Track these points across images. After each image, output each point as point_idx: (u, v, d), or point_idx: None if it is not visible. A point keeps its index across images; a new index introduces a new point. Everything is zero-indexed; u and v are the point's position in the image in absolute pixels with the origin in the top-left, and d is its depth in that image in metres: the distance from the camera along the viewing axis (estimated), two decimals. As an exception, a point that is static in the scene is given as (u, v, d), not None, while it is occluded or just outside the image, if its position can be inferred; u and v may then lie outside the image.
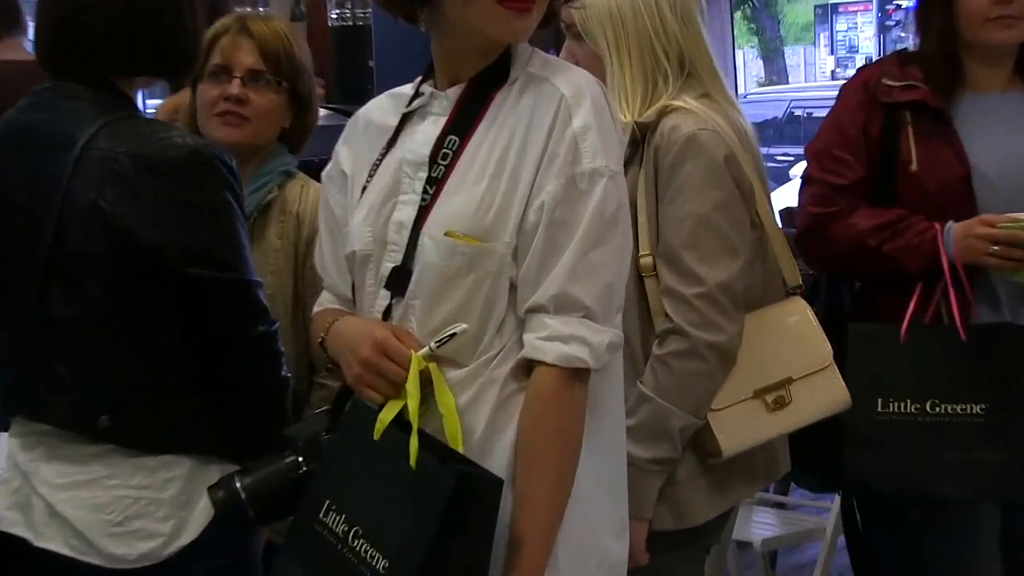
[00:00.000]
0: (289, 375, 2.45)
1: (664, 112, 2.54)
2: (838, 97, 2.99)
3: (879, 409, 2.83)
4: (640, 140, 2.54)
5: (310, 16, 5.48)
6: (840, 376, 2.63)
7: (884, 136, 2.89)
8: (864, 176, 2.90)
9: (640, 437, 2.45)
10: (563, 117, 1.98)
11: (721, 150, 2.50)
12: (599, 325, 1.97)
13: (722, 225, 2.48)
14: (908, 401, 2.83)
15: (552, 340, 1.95)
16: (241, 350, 2.34)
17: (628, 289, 2.45)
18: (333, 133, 2.27)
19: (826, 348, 2.61)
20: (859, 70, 3.04)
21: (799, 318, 2.62)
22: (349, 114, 2.26)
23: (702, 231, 2.47)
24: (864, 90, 2.94)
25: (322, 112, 3.03)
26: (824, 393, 2.60)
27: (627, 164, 2.51)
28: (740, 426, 2.52)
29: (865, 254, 2.86)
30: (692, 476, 2.53)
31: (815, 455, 2.85)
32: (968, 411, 2.81)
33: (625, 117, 2.55)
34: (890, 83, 2.90)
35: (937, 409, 2.82)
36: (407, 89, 2.17)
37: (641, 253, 2.50)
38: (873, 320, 2.88)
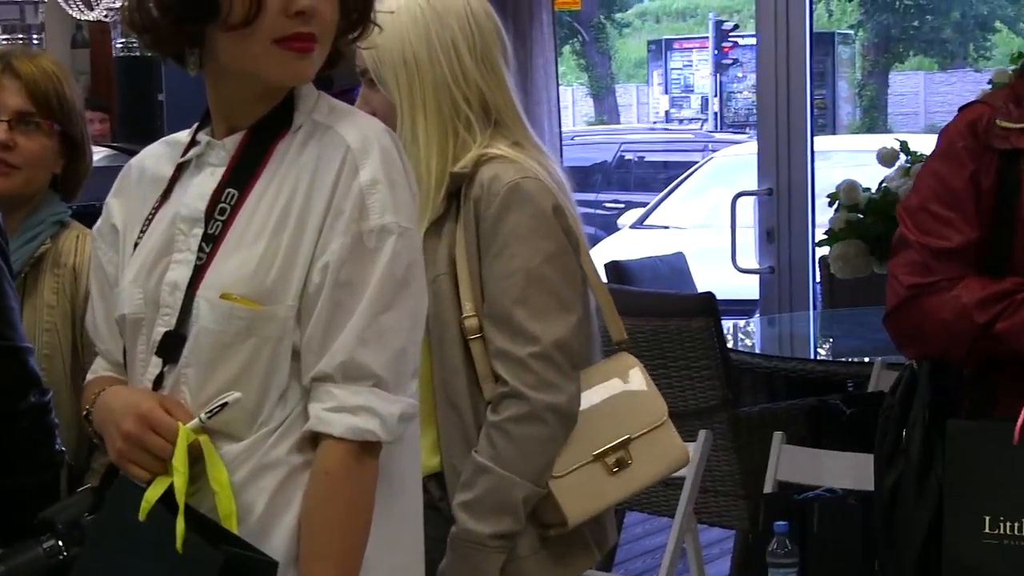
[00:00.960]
0: (63, 449, 2.31)
1: (481, 161, 2.43)
2: (938, 142, 2.52)
3: (987, 530, 2.34)
4: (456, 192, 2.43)
5: (93, 44, 5.23)
6: (676, 432, 2.53)
7: (1000, 189, 2.43)
8: (973, 239, 2.43)
9: (480, 512, 2.35)
10: (349, 170, 1.87)
11: (548, 200, 2.40)
12: (391, 394, 1.87)
13: (553, 279, 2.39)
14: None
15: (339, 411, 1.85)
16: (8, 426, 2.19)
17: (453, 354, 2.40)
18: (114, 175, 2.13)
19: (661, 403, 2.54)
20: (962, 109, 2.54)
21: (629, 374, 2.55)
22: (133, 154, 2.12)
23: (533, 286, 2.38)
24: (972, 134, 2.46)
25: (103, 152, 2.87)
26: (664, 451, 2.53)
27: (443, 219, 2.43)
28: (583, 492, 2.43)
29: (973, 334, 2.38)
30: (534, 550, 2.43)
31: None
32: None
33: (423, 170, 2.43)
34: (1007, 125, 2.44)
35: None
36: (184, 136, 2.03)
37: (465, 314, 2.40)
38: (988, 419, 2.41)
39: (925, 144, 7.75)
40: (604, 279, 2.55)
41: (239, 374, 1.87)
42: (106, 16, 5.57)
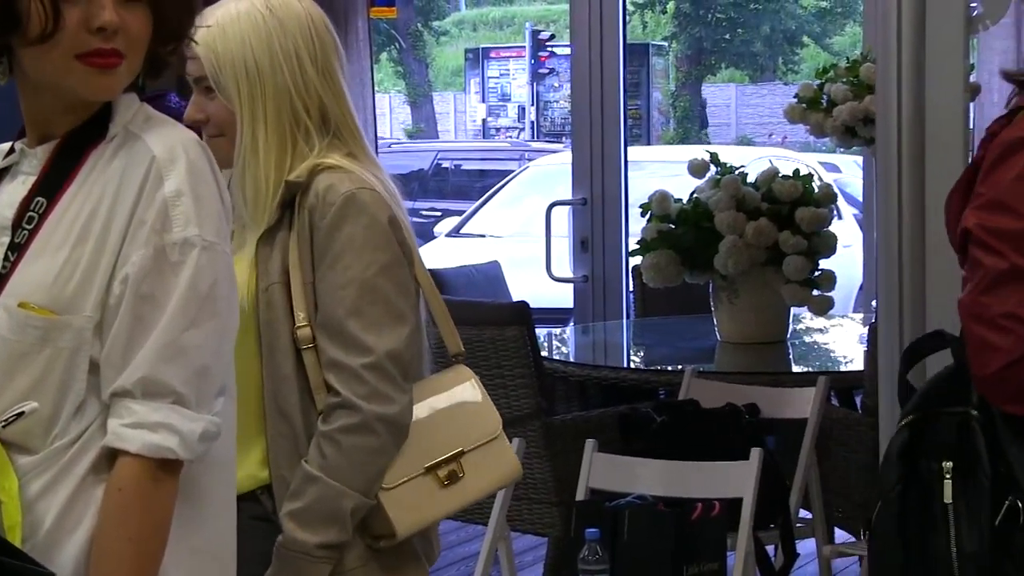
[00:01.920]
0: None
1: (316, 171, 2.41)
2: (1010, 152, 2.14)
3: None
4: (291, 201, 2.40)
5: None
6: (510, 446, 2.53)
7: None
8: None
9: (307, 521, 2.32)
10: (154, 180, 1.84)
11: (383, 211, 2.39)
12: (192, 412, 1.83)
13: (388, 290, 2.38)
14: None
15: (138, 428, 1.81)
16: None
17: (285, 364, 2.37)
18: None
19: (495, 417, 2.54)
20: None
21: (465, 387, 2.54)
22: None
23: (367, 297, 2.36)
24: None
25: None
26: (497, 465, 2.52)
27: (276, 228, 2.40)
28: (413, 504, 2.41)
29: None
30: (362, 561, 2.40)
31: None
32: None
33: (261, 178, 2.41)
34: None
35: None
36: (5, 145, 1.99)
37: (298, 324, 2.37)
38: None
39: (736, 155, 7.90)
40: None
41: (35, 384, 1.82)
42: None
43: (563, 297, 7.17)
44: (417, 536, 2.47)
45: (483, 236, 10.83)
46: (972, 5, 2.34)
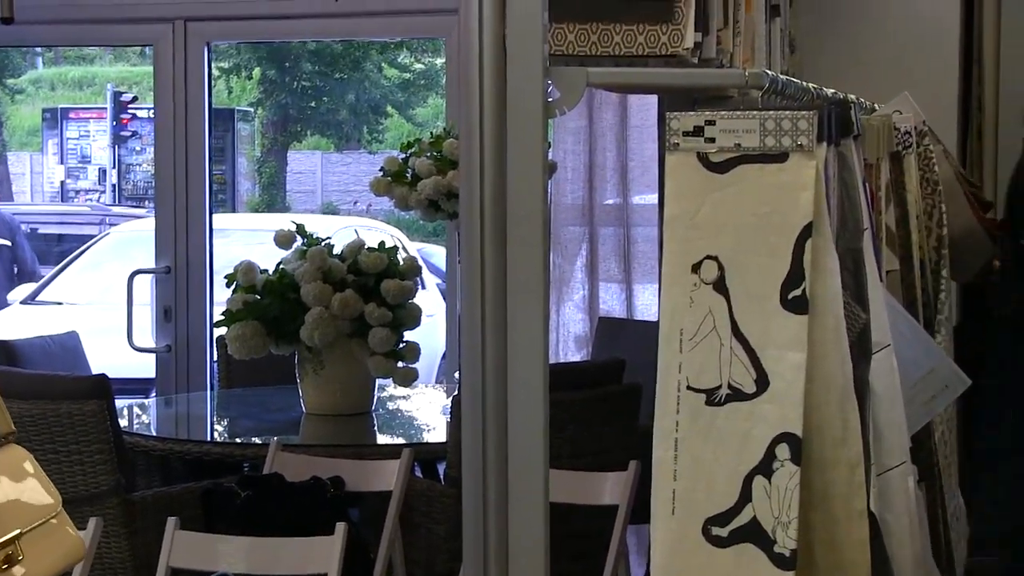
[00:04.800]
0: None
1: None
2: None
3: None
4: None
5: None
6: (71, 523, 2.42)
7: None
8: None
9: None
10: None
11: None
12: None
13: None
14: None
15: None
16: None
17: None
18: None
19: (53, 495, 2.42)
20: None
21: (17, 467, 2.42)
22: None
23: None
24: None
25: None
26: (57, 545, 2.41)
27: None
28: None
29: None
30: None
31: None
32: None
33: None
34: None
35: None
36: None
37: None
38: None
39: (323, 224, 7.91)
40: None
41: None
42: None
43: (145, 367, 7.00)
44: None
45: (60, 304, 10.45)
46: (550, 90, 2.43)
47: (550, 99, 2.46)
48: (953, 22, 4.48)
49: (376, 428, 5.13)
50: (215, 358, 6.28)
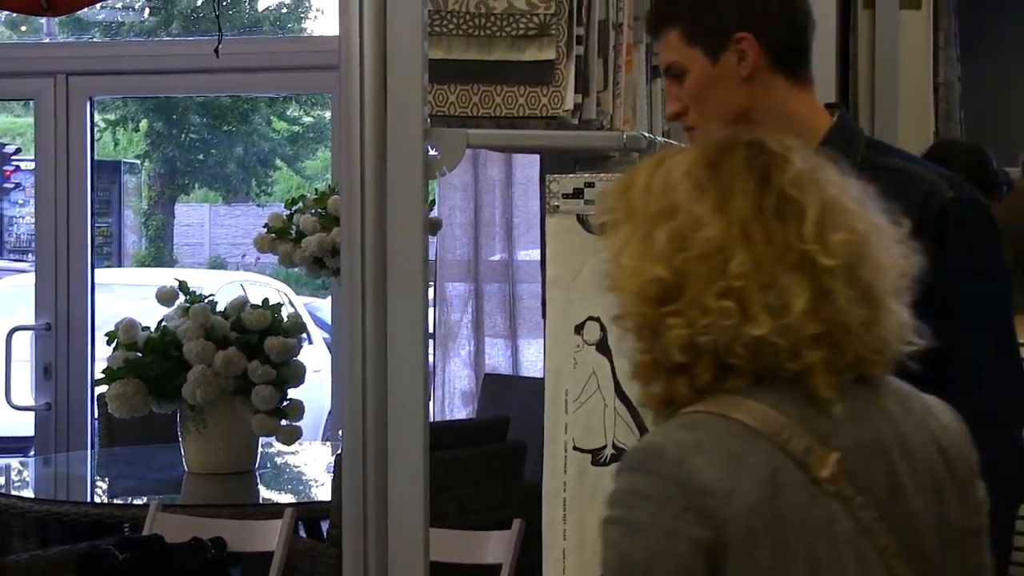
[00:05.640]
0: None
1: None
2: None
3: None
4: None
5: None
6: None
7: None
8: None
9: None
10: None
11: None
12: None
13: None
14: None
15: None
16: None
17: None
18: None
19: None
20: None
21: None
22: None
23: None
24: None
25: None
26: None
27: None
28: None
29: None
30: None
31: None
32: None
33: None
34: None
35: None
36: None
37: None
38: None
39: (208, 279, 7.81)
40: None
41: None
42: None
43: (24, 425, 6.86)
44: None
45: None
46: (431, 153, 2.43)
47: (430, 160, 2.46)
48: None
49: (260, 486, 5.07)
50: (96, 416, 6.18)
